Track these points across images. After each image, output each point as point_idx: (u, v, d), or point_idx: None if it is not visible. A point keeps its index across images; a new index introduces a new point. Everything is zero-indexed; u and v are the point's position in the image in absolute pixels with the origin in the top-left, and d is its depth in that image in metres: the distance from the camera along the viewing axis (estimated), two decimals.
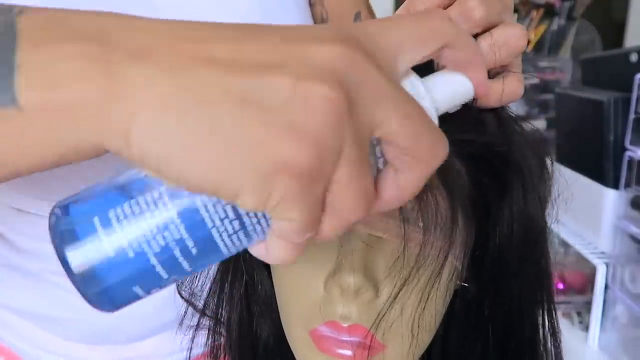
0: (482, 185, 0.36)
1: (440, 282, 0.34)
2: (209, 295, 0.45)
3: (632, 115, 0.95)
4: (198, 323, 0.47)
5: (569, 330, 1.07)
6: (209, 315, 0.46)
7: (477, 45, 0.31)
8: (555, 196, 0.40)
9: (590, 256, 1.04)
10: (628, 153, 0.96)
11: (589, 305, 1.04)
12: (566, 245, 1.12)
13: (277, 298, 0.40)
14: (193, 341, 0.49)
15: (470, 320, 0.40)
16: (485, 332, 0.40)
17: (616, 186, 0.99)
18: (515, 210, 0.36)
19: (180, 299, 0.46)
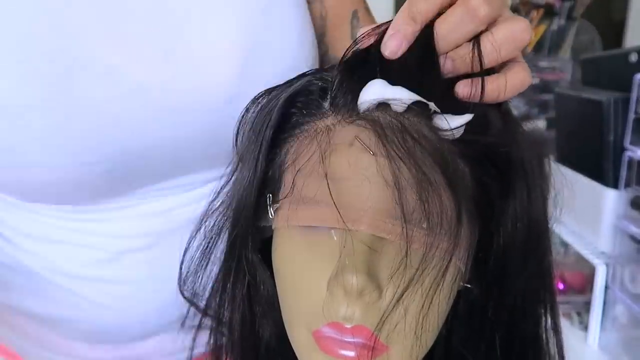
0: (486, 186, 0.36)
1: (444, 283, 0.34)
2: (211, 295, 0.45)
3: (632, 115, 0.95)
4: (200, 323, 0.47)
5: (568, 330, 1.07)
6: (211, 315, 0.46)
7: None
8: (555, 196, 0.40)
9: (590, 256, 1.04)
10: (628, 153, 0.96)
11: (588, 305, 1.04)
12: (566, 245, 1.12)
13: (280, 298, 0.39)
14: (195, 341, 0.49)
15: (473, 320, 0.40)
16: (488, 333, 0.40)
17: (616, 186, 0.99)
18: (520, 209, 0.36)
19: (182, 299, 0.46)
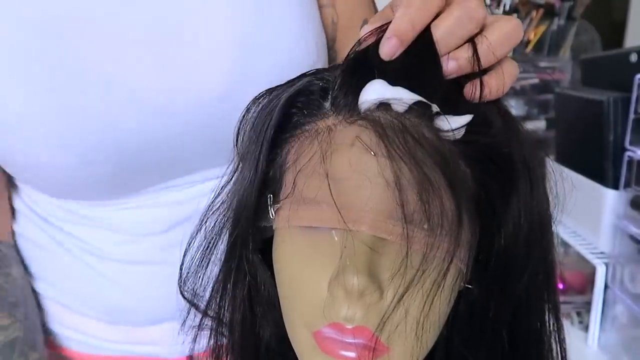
0: (487, 186, 0.36)
1: (445, 284, 0.34)
2: (211, 295, 0.45)
3: (632, 116, 0.95)
4: (200, 323, 0.47)
5: (568, 330, 1.07)
6: (212, 315, 0.46)
7: None
8: (555, 196, 0.40)
9: (590, 256, 1.04)
10: (628, 153, 0.96)
11: (588, 305, 1.04)
12: (566, 245, 1.12)
13: (280, 299, 0.39)
14: (195, 341, 0.49)
15: (474, 321, 0.40)
16: (489, 333, 0.39)
17: (616, 186, 0.99)
18: (523, 207, 0.36)
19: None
